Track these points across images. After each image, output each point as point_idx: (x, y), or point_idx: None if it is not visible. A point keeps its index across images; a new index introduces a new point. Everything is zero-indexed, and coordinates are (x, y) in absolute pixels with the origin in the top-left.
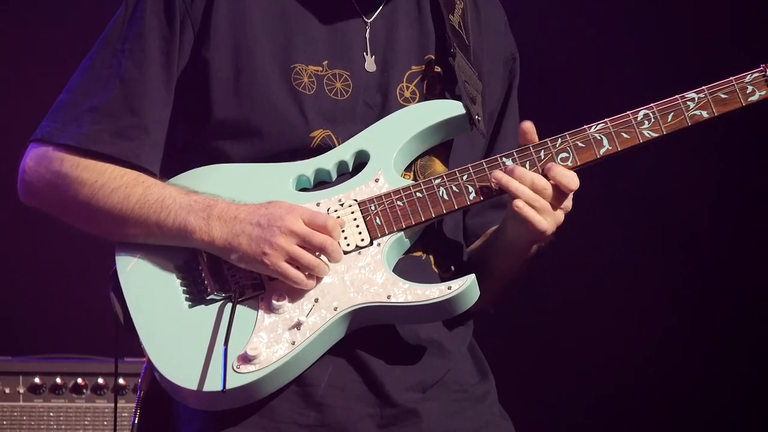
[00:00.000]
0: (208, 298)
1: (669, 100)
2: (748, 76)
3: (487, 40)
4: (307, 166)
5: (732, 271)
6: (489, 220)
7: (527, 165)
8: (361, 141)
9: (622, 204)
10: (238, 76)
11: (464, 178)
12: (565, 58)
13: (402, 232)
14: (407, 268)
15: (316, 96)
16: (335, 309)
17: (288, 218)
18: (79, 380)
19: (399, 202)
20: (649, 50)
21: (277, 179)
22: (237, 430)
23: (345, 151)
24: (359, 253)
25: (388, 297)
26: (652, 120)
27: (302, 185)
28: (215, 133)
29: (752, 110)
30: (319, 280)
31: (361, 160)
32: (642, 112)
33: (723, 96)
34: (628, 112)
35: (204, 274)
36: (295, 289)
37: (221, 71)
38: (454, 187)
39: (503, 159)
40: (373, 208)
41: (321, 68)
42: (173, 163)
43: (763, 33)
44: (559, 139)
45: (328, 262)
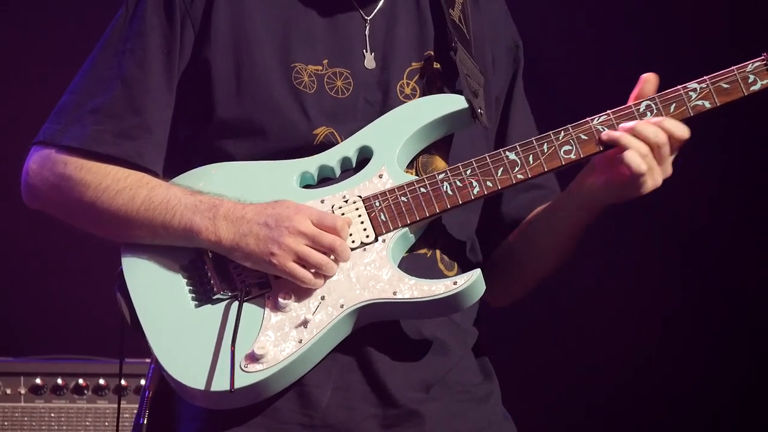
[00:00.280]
0: (215, 297)
1: (671, 90)
2: (749, 66)
3: (489, 31)
4: (311, 163)
5: (732, 272)
6: (527, 203)
7: (530, 158)
8: (364, 137)
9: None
10: (239, 75)
11: (468, 173)
12: (564, 57)
13: (407, 228)
14: (412, 265)
15: (317, 95)
16: (342, 306)
17: (296, 218)
18: (81, 381)
19: (403, 198)
20: (649, 50)
21: (281, 177)
22: (240, 431)
23: (348, 147)
24: (364, 250)
25: (394, 293)
26: (655, 111)
27: (306, 182)
28: (217, 133)
29: (753, 101)
30: (327, 280)
31: (365, 156)
32: (644, 103)
33: (725, 86)
34: (631, 104)
35: (210, 273)
36: (302, 287)
37: (222, 71)
38: (457, 182)
39: (506, 153)
40: (378, 204)
41: (321, 67)
42: (175, 162)
43: (764, 33)
44: (562, 132)
45: (336, 262)
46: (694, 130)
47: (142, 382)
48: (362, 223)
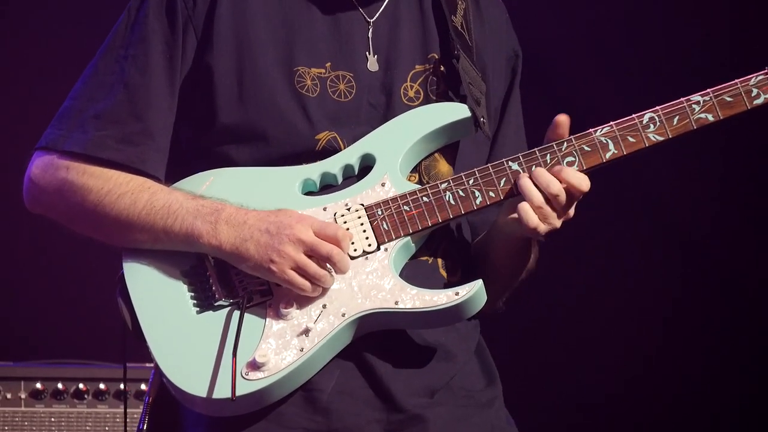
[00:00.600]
0: (216, 303)
1: (674, 103)
2: (753, 79)
3: (490, 38)
4: (313, 170)
5: (732, 272)
6: (489, 216)
7: (533, 169)
8: (366, 144)
9: (622, 205)
10: (242, 80)
11: (470, 183)
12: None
13: (409, 237)
14: (414, 272)
15: (320, 98)
16: (343, 315)
17: (297, 227)
18: (81, 385)
19: (406, 207)
20: (649, 51)
21: (284, 183)
22: None
23: (351, 155)
24: (366, 259)
25: (396, 303)
26: (658, 123)
27: (308, 189)
28: (220, 138)
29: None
30: (328, 288)
31: (367, 164)
32: (647, 116)
33: (728, 99)
34: (634, 116)
35: (212, 279)
36: (303, 295)
37: (224, 76)
38: (460, 192)
39: (509, 163)
40: (380, 213)
41: (324, 70)
42: (178, 167)
43: (764, 33)
44: (565, 143)
45: (335, 272)
46: (695, 134)
47: (143, 386)
48: (364, 231)
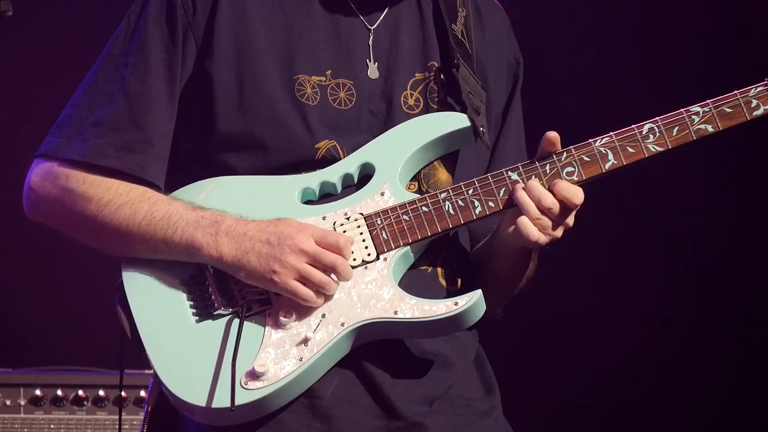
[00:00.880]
0: (215, 312)
1: (673, 113)
2: (752, 90)
3: (491, 45)
4: (313, 179)
5: (732, 272)
6: (490, 223)
7: (532, 179)
8: (366, 153)
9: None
10: (242, 89)
11: (470, 192)
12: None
13: (408, 247)
14: (414, 281)
15: (320, 106)
16: (342, 325)
17: (298, 237)
18: (80, 392)
19: (405, 217)
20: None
21: (283, 192)
22: None
23: (350, 164)
24: (366, 268)
25: (395, 313)
26: (657, 134)
27: (307, 198)
28: (219, 146)
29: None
30: (328, 298)
31: (367, 173)
32: (647, 126)
33: (728, 110)
34: (633, 126)
35: (211, 288)
36: (302, 305)
37: (224, 84)
38: (459, 201)
39: (509, 173)
40: (379, 222)
41: (324, 78)
42: (177, 175)
43: (764, 33)
44: (564, 153)
45: (338, 280)
46: (694, 141)
47: (142, 393)
48: (364, 240)
